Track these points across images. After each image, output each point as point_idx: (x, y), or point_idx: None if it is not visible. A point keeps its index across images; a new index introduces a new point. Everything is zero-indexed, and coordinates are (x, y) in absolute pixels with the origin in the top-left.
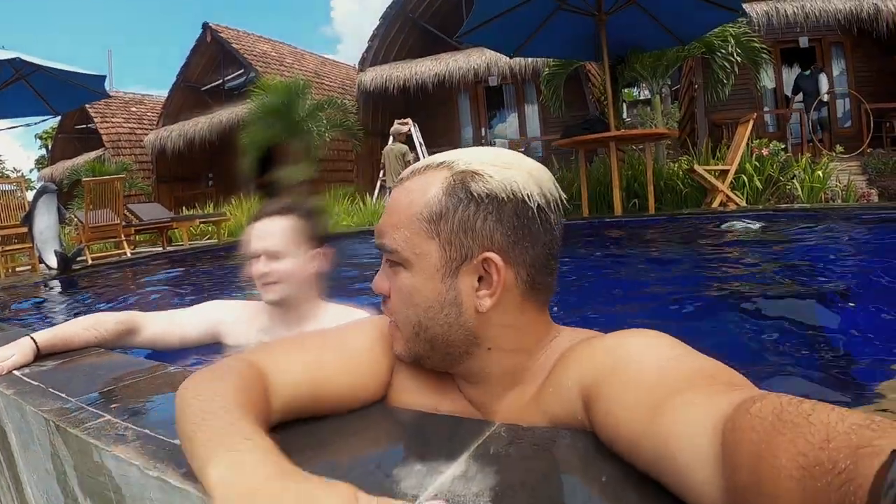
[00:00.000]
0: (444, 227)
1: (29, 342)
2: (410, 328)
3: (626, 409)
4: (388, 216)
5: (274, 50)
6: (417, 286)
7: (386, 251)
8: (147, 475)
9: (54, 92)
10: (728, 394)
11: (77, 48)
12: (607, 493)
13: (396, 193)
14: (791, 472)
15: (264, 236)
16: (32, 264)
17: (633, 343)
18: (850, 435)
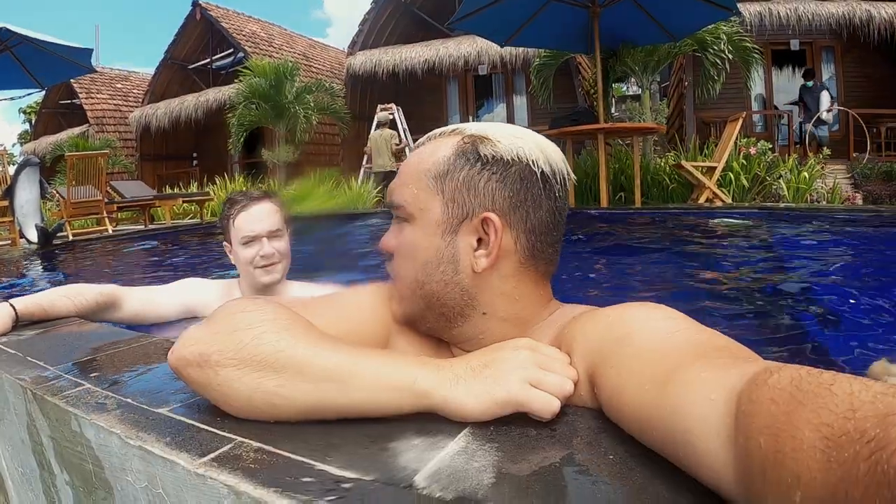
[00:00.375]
0: (448, 185)
1: (8, 309)
2: (408, 284)
3: (633, 384)
4: (399, 177)
5: (263, 31)
6: (418, 240)
7: (393, 207)
8: (128, 445)
9: (40, 65)
10: (739, 366)
11: (64, 23)
12: (614, 471)
13: (410, 157)
14: (815, 443)
15: (264, 218)
16: (13, 238)
17: (638, 316)
18: (875, 403)
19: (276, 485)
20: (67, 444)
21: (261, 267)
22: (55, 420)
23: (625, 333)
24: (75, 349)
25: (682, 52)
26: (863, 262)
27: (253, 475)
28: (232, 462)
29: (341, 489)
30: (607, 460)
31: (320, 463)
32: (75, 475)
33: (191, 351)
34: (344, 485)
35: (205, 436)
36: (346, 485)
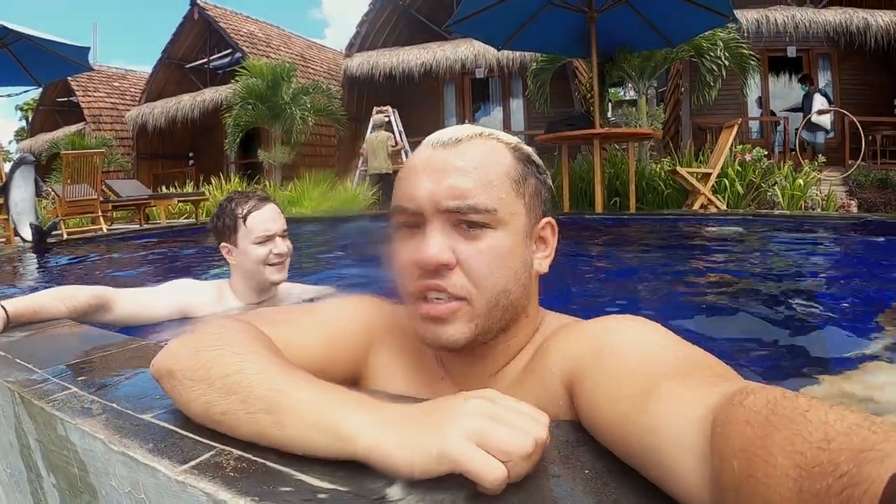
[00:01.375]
0: (526, 191)
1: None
2: (491, 297)
3: (610, 398)
4: (469, 176)
5: (261, 31)
6: (511, 247)
7: (475, 211)
8: (111, 450)
9: (37, 62)
10: (716, 385)
11: (61, 21)
12: (589, 486)
13: (459, 157)
14: (787, 471)
15: (277, 217)
16: (7, 236)
17: (618, 329)
18: (850, 436)
19: (254, 494)
20: (54, 448)
21: (273, 265)
22: (42, 423)
23: (605, 347)
24: (64, 352)
25: (678, 57)
26: (851, 268)
27: (232, 484)
28: (212, 470)
29: (317, 499)
30: (583, 475)
31: (299, 473)
32: (61, 478)
33: (162, 364)
34: (320, 495)
35: (187, 443)
36: (322, 495)
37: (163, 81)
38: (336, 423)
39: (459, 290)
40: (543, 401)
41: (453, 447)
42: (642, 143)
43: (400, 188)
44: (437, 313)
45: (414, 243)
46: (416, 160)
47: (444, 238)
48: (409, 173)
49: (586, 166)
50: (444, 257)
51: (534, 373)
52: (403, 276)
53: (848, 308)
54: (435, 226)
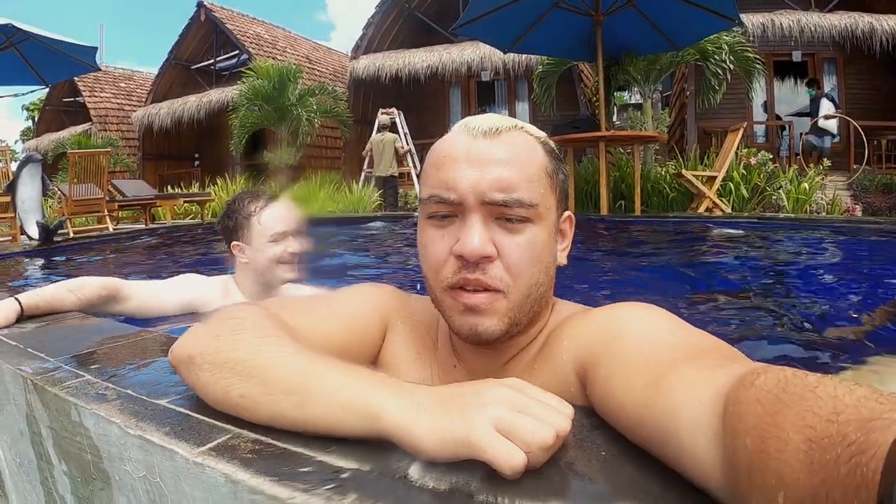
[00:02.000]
0: (557, 184)
1: (13, 303)
2: (526, 290)
3: (624, 383)
4: (514, 169)
5: (267, 33)
6: (547, 240)
7: (520, 205)
8: (128, 434)
9: (45, 62)
10: (728, 367)
11: (69, 21)
12: (605, 467)
13: (502, 149)
14: (798, 445)
15: (288, 218)
16: (13, 234)
17: (629, 315)
18: (858, 408)
19: (274, 474)
20: (66, 435)
21: (286, 263)
22: (55, 410)
23: (616, 333)
24: (77, 342)
25: (684, 61)
26: (855, 270)
27: (250, 464)
28: (230, 452)
29: (339, 479)
30: (599, 457)
31: (319, 454)
32: (73, 465)
33: (181, 350)
34: (342, 475)
35: (203, 426)
36: (344, 475)
37: (169, 82)
38: (364, 400)
39: (498, 282)
40: (555, 387)
41: (477, 434)
42: (647, 146)
43: (437, 176)
44: (476, 302)
45: (450, 233)
46: (454, 148)
47: (486, 230)
48: (447, 161)
49: (592, 169)
50: (488, 250)
51: (545, 360)
52: (438, 267)
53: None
54: (477, 217)
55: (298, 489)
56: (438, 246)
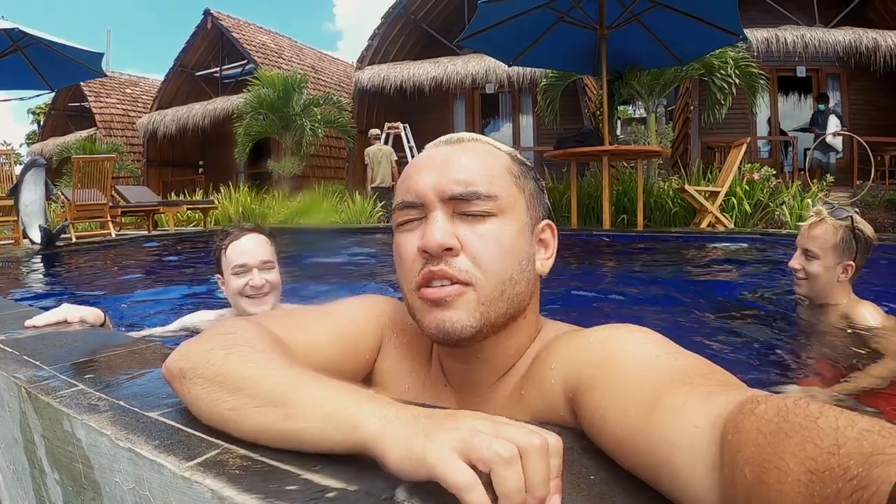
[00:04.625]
0: (525, 187)
1: (101, 313)
2: (497, 284)
3: (616, 408)
4: (472, 167)
5: (273, 42)
6: (515, 236)
7: (478, 197)
8: (118, 446)
9: (51, 66)
10: (725, 393)
11: (76, 27)
12: (594, 491)
13: (462, 152)
14: (799, 477)
15: (255, 250)
16: (16, 238)
17: (621, 338)
18: (860, 441)
19: (260, 491)
20: (59, 444)
21: (248, 297)
22: (48, 419)
23: (608, 356)
24: (72, 351)
25: (688, 75)
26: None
27: (237, 481)
28: (217, 467)
29: (325, 498)
30: (588, 480)
31: (306, 472)
32: (65, 474)
33: (174, 364)
34: (328, 493)
35: (193, 441)
36: (330, 494)
37: (174, 89)
38: (347, 412)
39: (465, 274)
40: (543, 410)
41: (433, 455)
42: (651, 160)
43: (403, 185)
44: (441, 295)
45: (416, 234)
46: (419, 158)
47: (448, 225)
48: (412, 169)
49: (595, 183)
50: (449, 241)
51: (534, 382)
52: (407, 268)
53: None
54: (439, 212)
55: None
56: (406, 248)
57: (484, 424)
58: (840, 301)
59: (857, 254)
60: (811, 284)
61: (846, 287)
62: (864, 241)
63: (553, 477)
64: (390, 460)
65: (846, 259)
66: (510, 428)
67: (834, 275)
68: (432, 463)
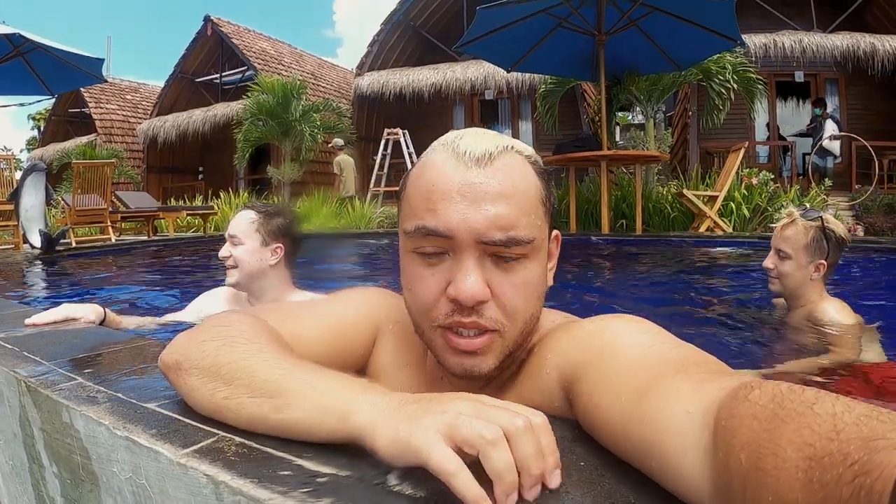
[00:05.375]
0: (549, 209)
1: (100, 309)
2: (523, 326)
3: (610, 395)
4: (511, 204)
5: (273, 48)
6: (541, 272)
7: (518, 243)
8: (115, 435)
9: (51, 72)
10: (718, 380)
11: (76, 34)
12: (584, 477)
13: (497, 179)
14: (797, 463)
15: (232, 224)
16: (15, 242)
17: (616, 327)
18: (859, 426)
19: (255, 476)
20: (57, 436)
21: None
22: (47, 412)
23: (602, 346)
24: (71, 347)
25: (686, 81)
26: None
27: (232, 467)
28: (213, 454)
29: (316, 483)
30: (578, 467)
31: (299, 459)
32: (63, 467)
33: (169, 356)
34: (319, 479)
35: (189, 430)
36: (321, 479)
37: (174, 95)
38: (341, 401)
39: (494, 323)
40: (539, 399)
41: (418, 439)
42: (649, 165)
43: (426, 207)
44: (471, 348)
45: (441, 272)
46: (445, 178)
47: (480, 271)
48: (437, 193)
49: (593, 188)
50: (484, 294)
51: (530, 372)
52: (426, 305)
53: None
54: (470, 258)
55: (276, 491)
56: (428, 286)
57: (468, 406)
58: (812, 299)
59: (828, 253)
60: (784, 283)
61: (819, 285)
62: (836, 241)
63: (548, 454)
64: (379, 447)
65: (818, 258)
66: (494, 409)
67: (806, 273)
68: (417, 447)
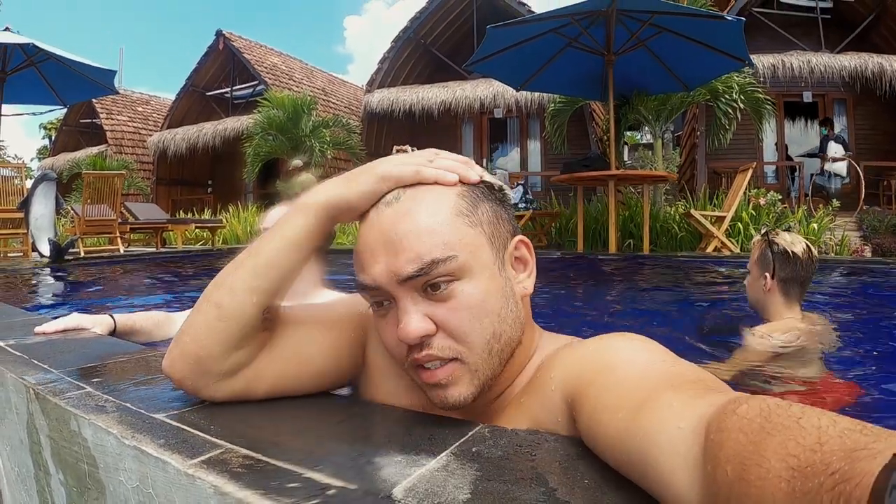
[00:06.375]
0: (482, 217)
1: (109, 319)
2: (484, 347)
3: (607, 411)
4: (417, 235)
5: (284, 63)
6: (486, 289)
7: (436, 265)
8: (124, 444)
9: (64, 82)
10: (709, 396)
11: (88, 45)
12: (587, 495)
13: (404, 218)
14: (780, 473)
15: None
16: (24, 251)
17: (618, 346)
18: (843, 438)
19: (262, 487)
20: (65, 444)
21: None
22: (55, 419)
23: (605, 363)
24: (80, 356)
25: (695, 101)
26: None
27: (239, 478)
28: (220, 465)
29: (325, 495)
30: (582, 484)
31: (308, 471)
32: (70, 475)
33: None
34: (328, 492)
35: (197, 440)
36: (330, 492)
37: (185, 108)
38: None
39: (448, 351)
40: (544, 417)
41: (387, 167)
42: (657, 185)
43: (358, 262)
44: (436, 379)
45: (391, 319)
46: (364, 231)
47: (416, 309)
48: (361, 246)
49: (601, 208)
50: (423, 330)
51: (534, 391)
52: (393, 351)
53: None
54: (404, 299)
55: (284, 503)
56: (388, 334)
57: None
58: (773, 318)
59: (774, 267)
60: (748, 296)
61: (776, 301)
62: (782, 255)
63: None
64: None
65: (765, 271)
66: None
67: (758, 287)
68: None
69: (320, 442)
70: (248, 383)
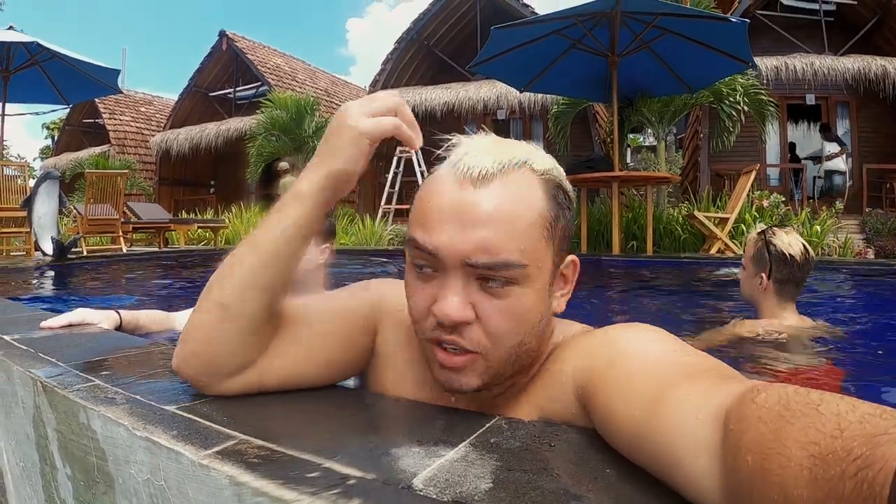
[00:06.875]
0: (558, 232)
1: (115, 315)
2: (506, 352)
3: (624, 402)
4: (501, 228)
5: (287, 64)
6: (534, 301)
7: (505, 268)
8: (135, 436)
9: (67, 81)
10: (727, 385)
11: (92, 44)
12: (603, 489)
13: (489, 201)
14: (801, 462)
15: None
16: (27, 249)
17: (630, 336)
18: (863, 424)
19: (279, 477)
20: (73, 437)
21: None
22: (63, 412)
23: (617, 354)
24: (87, 350)
25: (698, 103)
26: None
27: (255, 468)
28: (235, 456)
29: (346, 485)
30: (603, 474)
31: (326, 461)
32: (77, 468)
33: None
34: (349, 481)
35: (210, 432)
36: (351, 481)
37: (188, 109)
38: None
39: (475, 345)
40: (555, 407)
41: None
42: (660, 187)
43: (419, 220)
44: (452, 364)
45: (430, 288)
46: (439, 196)
47: (465, 293)
48: (430, 209)
49: (604, 209)
50: (463, 317)
51: (546, 380)
52: (417, 315)
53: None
54: (456, 279)
55: (305, 492)
56: (419, 299)
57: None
58: (766, 315)
59: (770, 267)
60: (741, 292)
61: (770, 300)
62: (778, 256)
63: None
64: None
65: (761, 271)
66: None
67: (753, 285)
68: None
69: (335, 433)
70: (258, 377)
